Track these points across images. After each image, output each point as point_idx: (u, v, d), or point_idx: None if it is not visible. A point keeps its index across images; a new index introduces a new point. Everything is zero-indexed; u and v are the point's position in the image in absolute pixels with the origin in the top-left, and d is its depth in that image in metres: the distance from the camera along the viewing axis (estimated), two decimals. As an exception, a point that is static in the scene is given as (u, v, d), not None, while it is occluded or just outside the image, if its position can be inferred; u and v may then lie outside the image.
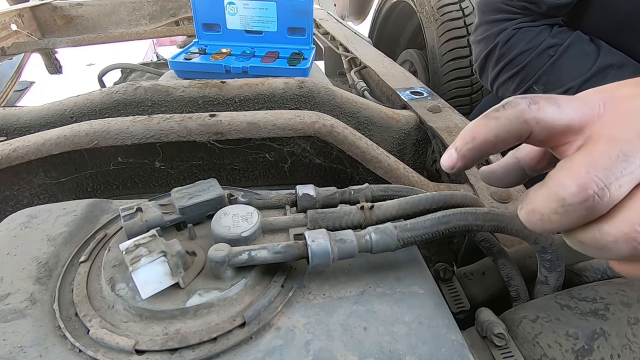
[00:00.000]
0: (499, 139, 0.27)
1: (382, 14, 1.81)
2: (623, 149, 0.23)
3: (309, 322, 0.30)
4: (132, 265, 0.29)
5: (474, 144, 0.28)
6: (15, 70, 1.71)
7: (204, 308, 0.30)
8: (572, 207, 0.24)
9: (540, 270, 0.38)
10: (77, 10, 1.78)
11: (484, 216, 0.34)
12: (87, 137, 0.56)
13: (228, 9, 0.98)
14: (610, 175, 0.23)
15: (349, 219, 0.37)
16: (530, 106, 0.26)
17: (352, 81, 1.13)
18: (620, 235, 0.23)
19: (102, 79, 1.14)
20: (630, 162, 0.23)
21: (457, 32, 1.29)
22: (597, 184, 0.23)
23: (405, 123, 0.76)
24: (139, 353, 0.28)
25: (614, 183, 0.23)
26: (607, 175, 0.23)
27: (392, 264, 0.36)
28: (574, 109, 0.26)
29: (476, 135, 0.28)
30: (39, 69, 1.93)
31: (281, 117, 0.61)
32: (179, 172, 0.64)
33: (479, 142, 0.28)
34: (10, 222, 0.40)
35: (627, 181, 0.23)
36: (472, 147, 0.28)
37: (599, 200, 0.23)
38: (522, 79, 0.80)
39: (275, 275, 0.33)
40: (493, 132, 0.27)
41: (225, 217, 0.35)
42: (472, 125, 0.28)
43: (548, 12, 0.76)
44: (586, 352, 0.31)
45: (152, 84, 0.71)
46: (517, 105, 0.26)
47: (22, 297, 0.32)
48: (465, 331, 0.35)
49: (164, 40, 3.86)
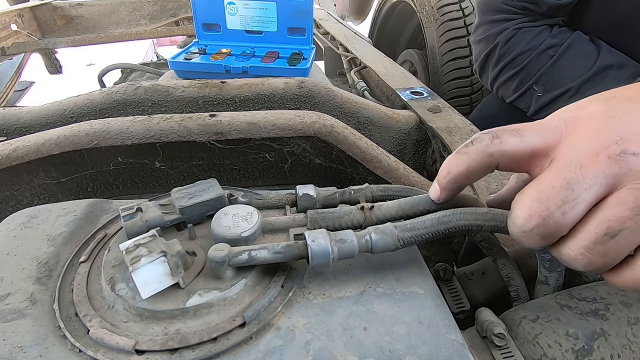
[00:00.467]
0: (470, 171, 0.30)
1: (382, 14, 1.81)
2: (568, 177, 0.26)
3: (309, 322, 0.30)
4: (132, 265, 0.29)
5: (450, 177, 0.31)
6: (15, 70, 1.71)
7: (204, 308, 0.30)
8: (527, 234, 0.28)
9: (540, 270, 0.38)
10: (77, 10, 1.78)
11: (484, 216, 0.34)
12: (87, 137, 0.56)
13: (228, 9, 0.98)
14: (551, 205, 0.26)
15: (349, 219, 0.37)
16: (493, 140, 0.29)
17: (352, 81, 1.13)
18: (572, 255, 0.27)
19: (102, 79, 1.14)
20: (574, 190, 0.25)
21: (457, 32, 1.29)
22: (539, 214, 0.26)
23: (405, 123, 0.76)
24: (139, 353, 0.28)
25: (555, 212, 0.26)
26: (549, 206, 0.26)
27: (392, 264, 0.36)
28: (536, 136, 0.29)
29: (451, 169, 0.31)
30: (39, 69, 1.93)
31: (281, 117, 0.61)
32: (179, 172, 0.64)
33: (453, 175, 0.31)
34: (10, 222, 0.40)
35: (572, 207, 0.25)
36: (449, 180, 0.32)
37: (546, 227, 0.26)
38: (522, 79, 0.80)
39: (275, 275, 0.33)
40: (464, 166, 0.30)
41: (225, 217, 0.35)
42: (448, 160, 0.32)
43: (548, 12, 0.76)
44: (586, 352, 0.31)
45: (152, 84, 0.71)
46: (481, 141, 0.29)
47: (22, 297, 0.32)
48: (465, 331, 0.35)
49: (164, 40, 3.86)
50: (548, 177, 0.27)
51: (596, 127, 0.27)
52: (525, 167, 0.30)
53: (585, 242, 0.26)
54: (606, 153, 0.25)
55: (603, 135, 0.26)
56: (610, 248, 0.25)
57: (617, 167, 0.25)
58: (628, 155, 0.25)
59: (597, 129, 0.27)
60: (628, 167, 0.25)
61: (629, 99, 0.28)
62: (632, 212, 0.24)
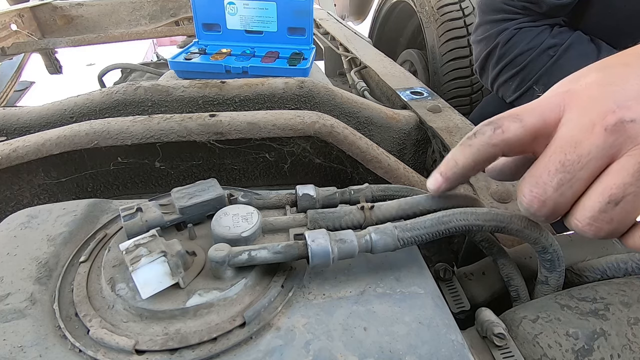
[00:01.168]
0: (477, 162, 0.31)
1: (382, 14, 1.81)
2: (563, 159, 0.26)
3: (309, 322, 0.30)
4: (132, 265, 0.29)
5: (457, 169, 0.32)
6: (15, 70, 1.71)
7: (204, 308, 0.30)
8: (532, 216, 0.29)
9: (540, 270, 0.38)
10: (77, 10, 1.78)
11: (484, 216, 0.34)
12: (87, 137, 0.56)
13: (228, 9, 0.98)
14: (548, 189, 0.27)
15: (349, 219, 0.37)
16: (495, 131, 0.30)
17: (352, 81, 1.13)
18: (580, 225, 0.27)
19: (102, 79, 1.14)
20: (569, 171, 0.26)
21: (457, 32, 1.29)
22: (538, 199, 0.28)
23: (405, 123, 0.76)
24: (139, 353, 0.28)
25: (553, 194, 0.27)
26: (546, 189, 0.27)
27: (392, 264, 0.36)
28: (536, 118, 0.29)
29: (457, 161, 0.32)
30: (39, 69, 1.93)
31: (281, 117, 0.61)
32: (179, 172, 0.64)
33: (461, 166, 0.32)
34: (10, 222, 0.40)
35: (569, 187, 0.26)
36: (456, 171, 0.32)
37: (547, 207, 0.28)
38: (522, 79, 0.80)
39: (275, 275, 0.33)
40: (471, 158, 0.31)
41: (225, 217, 0.35)
42: (453, 152, 0.32)
43: (549, 12, 0.76)
44: (586, 352, 0.31)
45: (152, 84, 0.71)
46: (484, 132, 0.30)
47: (22, 297, 0.32)
48: (465, 331, 0.35)
49: (164, 40, 3.86)
50: (544, 160, 0.28)
51: (593, 97, 0.27)
52: (530, 149, 0.30)
53: (590, 212, 0.26)
54: (602, 125, 0.25)
55: (600, 104, 0.26)
56: (616, 214, 0.26)
57: (614, 138, 0.25)
58: (626, 123, 0.25)
59: (593, 98, 0.27)
60: (626, 135, 0.25)
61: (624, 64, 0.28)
62: (633, 177, 0.24)
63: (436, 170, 0.34)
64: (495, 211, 0.34)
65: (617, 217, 0.26)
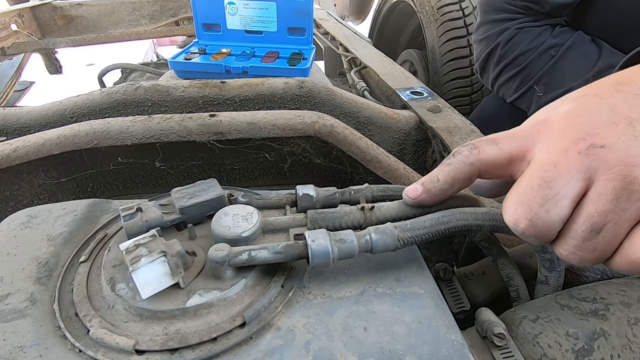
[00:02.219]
0: (455, 180, 0.33)
1: (382, 14, 1.81)
2: (544, 175, 0.27)
3: (309, 322, 0.30)
4: (132, 265, 0.29)
5: (438, 184, 0.34)
6: (15, 70, 1.71)
7: (204, 308, 0.30)
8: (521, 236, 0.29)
9: (540, 270, 0.38)
10: (77, 10, 1.78)
11: (484, 216, 0.34)
12: (87, 137, 0.56)
13: (228, 9, 0.98)
14: (533, 206, 0.27)
15: (349, 219, 0.36)
16: (472, 151, 0.31)
17: (352, 81, 1.13)
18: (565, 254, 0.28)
19: (102, 79, 1.14)
20: (552, 187, 0.26)
21: (457, 32, 1.29)
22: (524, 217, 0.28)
23: (405, 123, 0.76)
24: (139, 353, 0.28)
25: (539, 211, 0.27)
26: (531, 207, 0.27)
27: (392, 264, 0.36)
28: (512, 143, 0.30)
29: (438, 177, 0.34)
30: (39, 69, 1.93)
31: (281, 117, 0.61)
32: (179, 172, 0.64)
33: (442, 182, 0.33)
34: (10, 222, 0.40)
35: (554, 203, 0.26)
36: (436, 187, 0.34)
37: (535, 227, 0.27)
38: (523, 79, 0.80)
39: (275, 275, 0.33)
40: (449, 175, 0.33)
41: (225, 217, 0.35)
42: (435, 169, 0.34)
43: (551, 12, 0.76)
44: (586, 352, 0.31)
45: (152, 84, 0.71)
46: (461, 152, 0.32)
47: (22, 297, 0.32)
48: (465, 331, 0.35)
49: (164, 40, 3.86)
50: (525, 179, 0.28)
51: (565, 126, 0.28)
52: (506, 172, 0.31)
53: (575, 241, 0.27)
54: (575, 149, 0.26)
55: (571, 133, 0.27)
56: (599, 242, 0.26)
57: (589, 161, 0.26)
58: (596, 148, 0.26)
59: (566, 127, 0.28)
60: (599, 160, 0.25)
61: (595, 95, 0.28)
62: (612, 204, 0.25)
63: (418, 180, 0.36)
64: (495, 211, 0.34)
65: (600, 245, 0.26)
